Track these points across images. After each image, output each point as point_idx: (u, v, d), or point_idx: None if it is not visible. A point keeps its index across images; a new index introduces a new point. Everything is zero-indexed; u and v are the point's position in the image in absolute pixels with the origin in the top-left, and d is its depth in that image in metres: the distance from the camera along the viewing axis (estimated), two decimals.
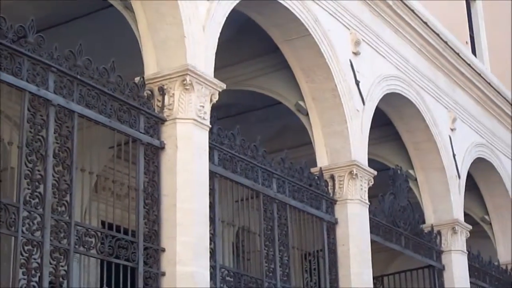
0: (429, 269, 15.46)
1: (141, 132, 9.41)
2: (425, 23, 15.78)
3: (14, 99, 8.29)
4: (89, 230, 8.63)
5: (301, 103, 13.02)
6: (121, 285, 8.76)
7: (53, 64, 8.41)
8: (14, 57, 8.00)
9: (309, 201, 12.32)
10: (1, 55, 7.87)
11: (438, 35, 16.23)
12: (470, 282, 16.22)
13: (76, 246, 8.30)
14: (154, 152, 9.55)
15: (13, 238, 7.81)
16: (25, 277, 7.77)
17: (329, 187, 12.81)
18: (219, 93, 10.15)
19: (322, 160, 12.95)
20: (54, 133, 8.31)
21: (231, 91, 10.76)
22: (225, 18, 10.49)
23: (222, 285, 10.23)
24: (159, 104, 9.69)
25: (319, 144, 13.00)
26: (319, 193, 12.59)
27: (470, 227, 16.59)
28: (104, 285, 8.81)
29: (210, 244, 9.79)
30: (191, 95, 9.69)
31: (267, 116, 14.04)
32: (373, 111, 13.79)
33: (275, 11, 11.86)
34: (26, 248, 7.79)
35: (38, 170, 8.10)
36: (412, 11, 15.38)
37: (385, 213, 14.18)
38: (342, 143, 12.90)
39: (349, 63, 13.12)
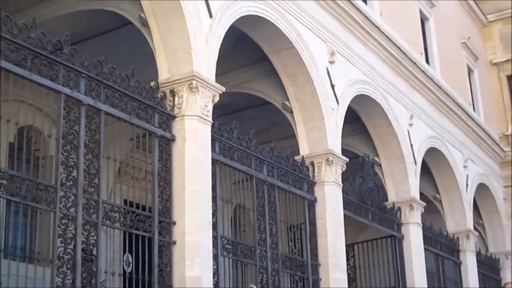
0: (391, 238, 15.49)
1: (155, 127, 9.41)
2: (388, 38, 15.80)
3: (52, 100, 8.26)
4: (114, 207, 8.69)
5: (286, 103, 13.02)
6: (140, 252, 8.83)
7: (84, 71, 8.41)
8: (52, 66, 8.00)
9: (293, 183, 12.33)
10: (41, 63, 7.88)
11: (398, 47, 16.26)
12: (424, 249, 16.29)
13: (103, 220, 8.33)
14: (166, 143, 9.56)
15: (52, 213, 7.84)
16: (62, 245, 7.78)
17: (310, 172, 12.81)
18: (220, 95, 10.15)
19: (304, 149, 12.95)
20: (85, 127, 8.32)
21: (229, 93, 10.75)
22: (224, 33, 10.47)
23: (222, 251, 10.27)
24: (170, 103, 9.69)
25: (301, 136, 13.01)
26: (302, 177, 12.60)
27: (424, 204, 16.63)
28: (127, 252, 8.84)
29: (213, 218, 9.81)
30: (196, 96, 9.68)
31: (258, 113, 14.03)
32: (346, 109, 13.79)
33: (265, 27, 11.85)
34: (62, 221, 7.81)
35: (72, 158, 8.11)
36: (378, 28, 15.39)
37: (355, 193, 14.20)
38: (320, 136, 12.91)
39: (326, 70, 13.11)
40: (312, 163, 12.87)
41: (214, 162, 10.10)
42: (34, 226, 10.10)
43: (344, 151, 13.58)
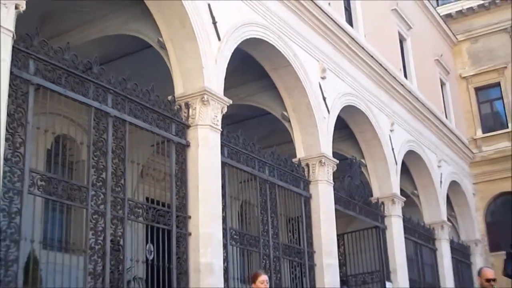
0: (376, 229, 15.48)
1: (172, 135, 9.43)
2: (372, 56, 15.81)
3: (83, 112, 8.30)
4: (138, 204, 8.73)
5: (285, 113, 13.03)
6: (160, 242, 8.85)
7: (111, 87, 8.45)
8: (83, 83, 8.05)
9: (291, 182, 12.34)
10: (74, 81, 7.93)
11: (380, 64, 16.27)
12: (405, 237, 16.27)
13: (129, 215, 8.36)
14: (182, 149, 9.58)
15: (84, 210, 7.86)
16: (93, 237, 7.81)
17: (305, 172, 12.81)
18: (227, 107, 10.17)
19: (300, 153, 12.96)
20: (112, 136, 8.36)
21: (236, 105, 10.77)
22: (230, 54, 10.50)
23: (231, 241, 10.28)
24: (185, 114, 9.71)
25: (298, 142, 13.02)
26: (298, 176, 12.60)
27: (404, 199, 16.63)
28: (149, 242, 8.85)
29: (223, 213, 9.82)
30: (207, 108, 9.71)
31: (261, 122, 14.02)
32: (335, 118, 13.80)
33: (266, 49, 11.88)
34: (93, 217, 7.84)
35: (101, 162, 8.15)
36: (362, 48, 15.41)
37: (344, 190, 14.19)
38: (314, 141, 12.92)
39: (318, 85, 13.12)
40: (307, 165, 12.87)
41: (223, 164, 10.12)
42: (69, 221, 10.12)
43: (335, 154, 13.57)
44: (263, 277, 7.21)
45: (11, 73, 6.83)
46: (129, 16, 10.44)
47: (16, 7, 6.88)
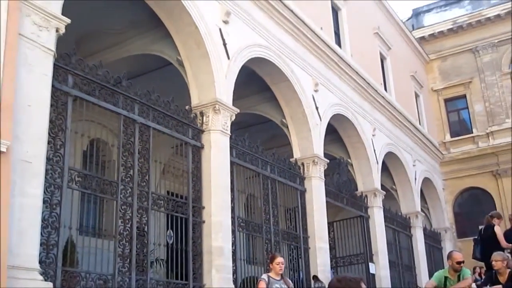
0: (360, 218, 15.44)
1: (189, 138, 9.46)
2: (357, 72, 15.81)
3: (114, 120, 8.31)
4: (160, 196, 8.78)
5: (283, 120, 13.05)
6: (178, 229, 8.85)
7: (137, 98, 8.47)
8: (114, 94, 8.07)
9: (289, 178, 12.33)
10: (106, 93, 7.95)
11: (364, 79, 16.26)
12: (385, 225, 16.25)
13: (152, 206, 8.39)
14: (197, 150, 9.59)
15: (114, 201, 7.86)
16: (122, 224, 7.82)
17: (301, 170, 12.80)
18: (235, 115, 10.19)
19: (296, 153, 12.96)
20: (138, 139, 8.37)
21: (242, 113, 10.76)
22: (238, 70, 10.53)
23: (239, 229, 10.27)
24: (200, 121, 9.73)
25: (294, 144, 13.03)
26: (295, 173, 12.59)
27: (384, 192, 16.60)
28: (169, 229, 8.84)
29: (231, 204, 9.87)
30: (219, 116, 9.72)
31: (263, 128, 13.99)
32: (326, 124, 13.78)
33: (267, 66, 11.89)
34: (122, 207, 7.84)
35: (129, 161, 8.17)
36: (349, 65, 15.40)
37: (334, 185, 14.16)
38: (308, 144, 12.92)
39: (312, 97, 13.11)
40: (303, 164, 12.86)
41: (232, 163, 10.13)
42: (101, 211, 10.12)
43: (326, 155, 13.55)
44: (280, 259, 7.11)
45: (53, 86, 6.84)
46: (152, 38, 10.48)
47: (57, 30, 6.89)
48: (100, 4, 9.72)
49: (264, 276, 6.99)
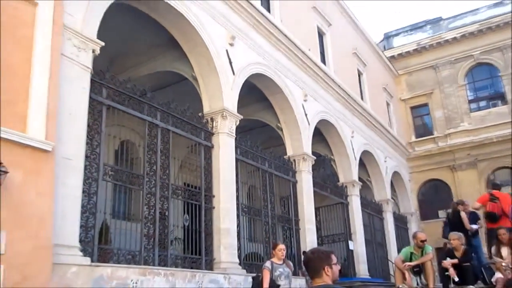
0: (341, 204, 15.43)
1: (202, 140, 9.46)
2: (339, 86, 15.79)
3: (140, 124, 8.31)
4: (178, 187, 8.82)
5: (279, 124, 13.04)
6: (193, 213, 8.85)
7: (159, 107, 8.47)
8: (140, 104, 8.08)
9: (284, 172, 12.32)
10: (134, 103, 7.95)
11: (345, 91, 16.24)
12: (362, 210, 16.21)
13: (172, 195, 8.38)
14: (208, 149, 9.60)
15: (141, 191, 7.86)
16: (147, 210, 7.83)
17: (293, 165, 12.78)
18: (240, 120, 10.20)
19: (289, 152, 12.94)
20: (160, 140, 8.38)
21: (245, 119, 10.76)
22: (242, 84, 10.53)
23: (242, 214, 10.26)
24: (211, 126, 9.74)
25: (288, 144, 13.01)
26: (288, 168, 12.57)
27: (361, 183, 16.55)
28: (185, 213, 8.85)
29: (236, 193, 9.84)
30: (226, 121, 9.72)
31: (262, 131, 13.94)
32: (314, 128, 13.75)
33: (266, 80, 11.88)
34: (147, 196, 7.84)
35: (153, 158, 8.18)
36: (333, 80, 15.38)
37: (320, 177, 14.14)
38: (299, 144, 12.90)
39: (302, 106, 13.10)
40: (294, 160, 12.84)
41: (236, 160, 10.12)
42: (130, 199, 10.13)
43: (313, 153, 13.52)
44: (281, 246, 6.91)
45: (90, 97, 6.85)
46: (171, 58, 10.49)
47: (93, 51, 6.89)
48: (128, 29, 9.74)
49: (267, 263, 6.70)
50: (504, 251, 6.55)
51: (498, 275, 5.56)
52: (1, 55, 5.46)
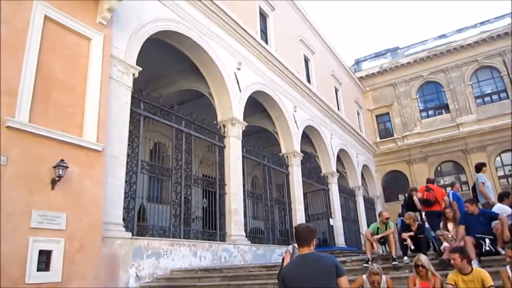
0: (324, 190, 15.34)
1: (217, 142, 9.41)
2: (321, 99, 15.72)
3: (169, 130, 8.30)
4: (198, 177, 8.74)
5: (275, 129, 12.97)
6: (211, 198, 8.82)
7: (184, 117, 8.44)
8: (169, 114, 8.05)
9: (279, 165, 12.24)
10: (164, 114, 7.91)
11: (325, 103, 16.17)
12: (339, 194, 16.08)
13: (194, 184, 8.34)
14: (221, 149, 9.54)
15: (170, 181, 7.83)
16: (174, 195, 7.79)
17: (286, 160, 12.69)
18: (245, 126, 10.14)
19: (283, 150, 12.84)
20: (185, 142, 8.34)
21: (249, 125, 10.72)
22: (246, 98, 10.47)
23: (248, 198, 10.22)
24: (223, 130, 9.69)
25: (282, 144, 12.92)
26: (283, 163, 12.48)
27: (338, 174, 16.43)
28: (204, 198, 8.83)
29: (243, 182, 9.77)
30: (234, 127, 9.68)
31: (262, 135, 13.89)
32: (302, 131, 13.68)
33: (265, 95, 11.83)
34: (174, 184, 7.81)
35: (179, 156, 8.14)
36: (316, 95, 15.30)
37: (307, 169, 14.04)
38: (291, 144, 12.83)
39: (293, 115, 13.05)
40: (287, 156, 12.76)
41: (243, 157, 10.06)
42: (161, 187, 10.12)
43: (301, 150, 13.43)
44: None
45: (131, 109, 6.84)
46: (193, 79, 10.46)
47: (133, 75, 6.89)
48: (159, 57, 9.74)
49: (289, 247, 6.13)
50: (450, 225, 6.51)
51: (445, 244, 5.53)
52: (67, 80, 5.49)
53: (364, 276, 4.41)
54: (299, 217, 12.18)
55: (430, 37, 23.45)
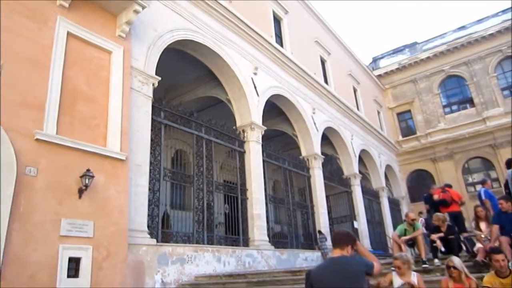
0: (347, 193, 15.07)
1: (237, 147, 9.44)
2: (340, 100, 15.52)
3: (189, 137, 8.38)
4: (219, 183, 8.74)
5: (294, 132, 12.88)
6: (232, 203, 8.82)
7: (203, 123, 8.51)
8: (189, 122, 8.13)
9: (300, 169, 12.13)
10: (184, 121, 7.98)
11: (344, 104, 15.95)
12: (363, 196, 15.77)
13: (215, 189, 8.36)
14: (242, 154, 9.56)
15: (192, 187, 7.89)
16: (197, 201, 7.82)
17: (307, 163, 12.57)
18: (264, 131, 10.12)
19: (303, 153, 12.73)
20: (205, 148, 8.39)
21: (268, 129, 10.70)
22: (264, 103, 10.46)
23: (269, 202, 10.17)
24: (242, 136, 9.70)
25: (302, 147, 12.81)
26: (304, 166, 12.37)
27: (361, 175, 16.16)
28: (226, 203, 8.84)
29: (264, 186, 9.73)
30: (254, 132, 9.68)
31: (282, 138, 13.83)
32: (322, 133, 13.53)
33: (282, 99, 11.80)
34: (197, 191, 7.85)
35: (200, 162, 8.19)
36: (334, 96, 15.15)
37: (328, 171, 13.85)
38: (311, 146, 12.70)
39: (311, 117, 12.95)
40: (308, 159, 12.63)
41: (263, 161, 10.03)
42: (184, 193, 10.21)
43: (322, 153, 13.29)
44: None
45: (152, 118, 6.97)
46: (210, 86, 10.57)
47: (153, 84, 7.03)
48: (178, 66, 9.91)
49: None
50: (483, 225, 6.22)
51: (478, 245, 5.26)
52: (90, 92, 5.66)
53: (394, 273, 4.25)
54: (322, 220, 12.00)
55: (449, 30, 22.76)
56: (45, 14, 5.40)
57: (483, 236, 5.55)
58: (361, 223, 14.99)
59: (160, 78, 7.13)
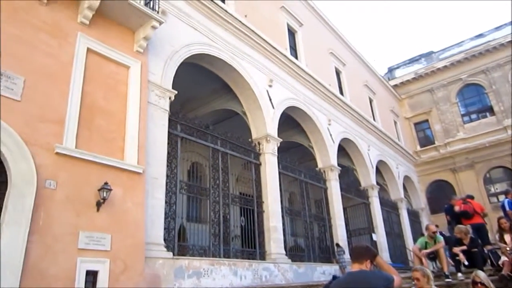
0: (364, 204, 14.69)
1: (252, 159, 9.35)
2: (355, 110, 15.29)
3: (205, 150, 8.36)
4: (235, 195, 8.65)
5: (310, 144, 12.71)
6: (248, 216, 8.68)
7: (219, 136, 8.49)
8: (205, 134, 8.12)
9: (316, 181, 11.91)
10: (200, 134, 7.98)
11: (359, 114, 15.67)
12: (381, 208, 15.33)
13: (231, 202, 8.26)
14: (257, 166, 9.45)
15: (208, 200, 7.81)
16: (213, 214, 7.73)
17: (323, 175, 12.33)
18: (280, 143, 10.01)
19: (320, 164, 12.51)
20: (221, 161, 8.34)
21: (284, 141, 10.59)
22: (279, 115, 10.39)
23: (286, 215, 9.97)
24: (258, 148, 9.62)
25: (318, 159, 12.60)
26: (320, 177, 12.14)
27: (379, 187, 15.71)
28: (242, 216, 8.71)
29: (280, 198, 9.55)
30: (269, 144, 9.59)
31: (298, 150, 13.62)
32: (337, 145, 13.28)
33: (298, 111, 11.69)
34: (213, 203, 7.77)
35: (216, 175, 8.13)
36: (349, 106, 14.93)
37: (345, 183, 13.56)
38: (327, 158, 12.48)
39: (327, 129, 12.77)
40: (324, 171, 12.39)
41: (279, 173, 9.90)
42: (200, 206, 10.16)
43: (339, 164, 13.00)
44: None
45: (168, 131, 6.98)
46: (226, 99, 10.58)
47: (169, 98, 7.06)
48: (193, 80, 9.99)
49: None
50: (507, 237, 5.87)
51: (504, 258, 4.94)
52: (108, 106, 5.72)
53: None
54: (339, 233, 11.67)
55: (466, 38, 22.26)
56: (65, 30, 5.53)
57: (508, 248, 5.22)
58: (380, 235, 14.51)
59: (176, 92, 7.16)
